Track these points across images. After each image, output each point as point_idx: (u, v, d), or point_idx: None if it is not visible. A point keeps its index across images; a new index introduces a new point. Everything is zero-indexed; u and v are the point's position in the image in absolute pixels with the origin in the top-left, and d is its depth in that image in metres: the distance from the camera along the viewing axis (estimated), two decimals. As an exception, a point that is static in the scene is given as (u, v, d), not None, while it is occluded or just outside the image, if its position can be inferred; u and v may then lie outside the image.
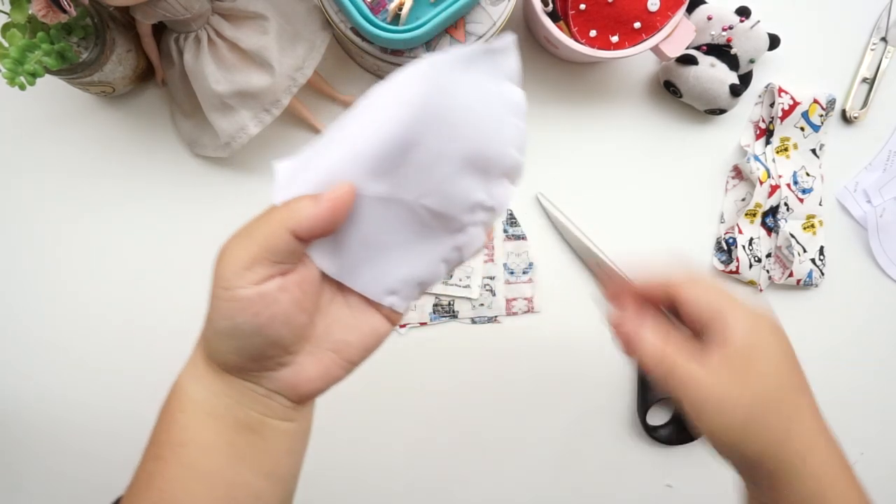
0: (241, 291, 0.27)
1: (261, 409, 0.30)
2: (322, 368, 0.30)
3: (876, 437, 0.59)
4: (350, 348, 0.31)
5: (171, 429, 0.30)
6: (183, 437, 0.29)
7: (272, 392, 0.30)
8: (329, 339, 0.30)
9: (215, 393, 0.29)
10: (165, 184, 0.54)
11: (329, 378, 0.31)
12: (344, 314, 0.31)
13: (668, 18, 0.49)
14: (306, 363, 0.30)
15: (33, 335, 0.53)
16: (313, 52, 0.48)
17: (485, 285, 0.55)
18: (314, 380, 0.30)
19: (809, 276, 0.57)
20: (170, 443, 0.29)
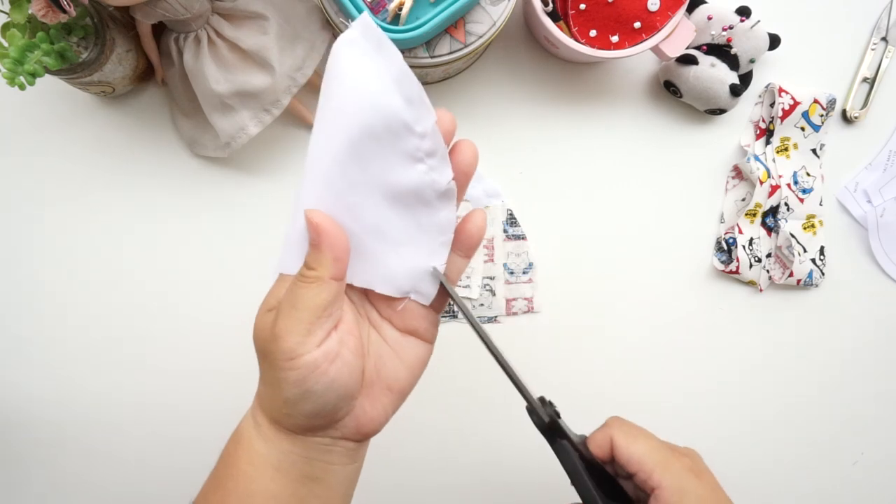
0: (308, 357, 0.28)
1: (326, 459, 0.31)
2: (380, 407, 0.32)
3: (876, 436, 0.59)
4: (399, 381, 0.33)
5: (237, 477, 0.31)
6: (251, 489, 0.30)
7: (337, 439, 0.31)
8: (380, 378, 0.32)
9: (283, 451, 0.31)
10: (165, 184, 0.54)
11: (388, 413, 0.33)
12: (385, 351, 0.33)
13: (668, 18, 0.49)
14: (366, 405, 0.31)
15: (33, 335, 0.53)
16: (313, 52, 0.48)
17: (485, 285, 0.55)
18: (375, 419, 0.32)
19: (810, 276, 0.57)
20: (237, 492, 0.31)
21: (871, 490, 0.59)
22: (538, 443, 0.56)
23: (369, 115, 0.28)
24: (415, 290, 0.32)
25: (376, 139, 0.29)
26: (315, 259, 0.29)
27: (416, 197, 0.31)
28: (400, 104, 0.29)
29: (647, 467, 0.34)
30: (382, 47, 0.29)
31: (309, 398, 0.29)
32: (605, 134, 0.57)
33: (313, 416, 0.30)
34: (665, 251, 0.57)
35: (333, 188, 0.29)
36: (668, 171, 0.57)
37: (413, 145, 0.30)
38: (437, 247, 0.32)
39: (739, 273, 0.56)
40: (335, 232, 0.29)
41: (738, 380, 0.58)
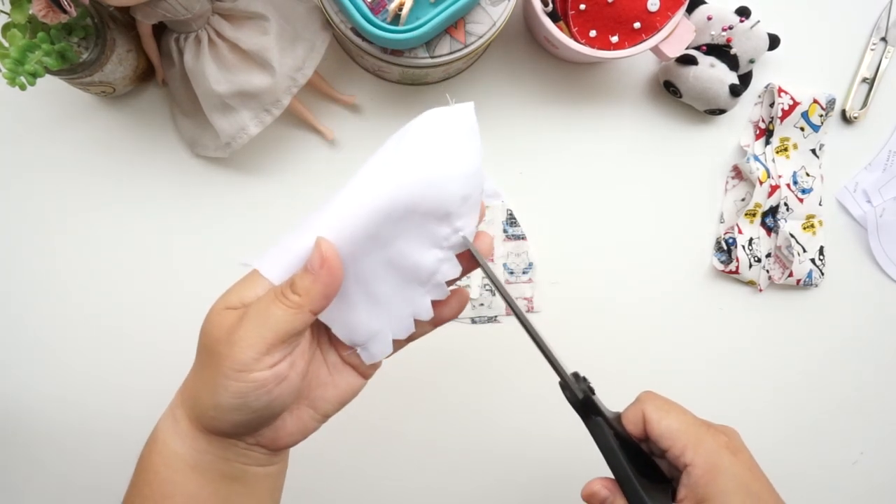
0: (258, 374, 0.28)
1: (243, 461, 0.31)
2: (300, 424, 0.32)
3: (876, 436, 0.59)
4: (326, 404, 0.33)
5: (154, 481, 0.31)
6: (169, 490, 0.30)
7: (252, 446, 0.31)
8: (308, 396, 0.32)
9: (199, 450, 0.30)
10: (166, 184, 0.54)
11: (306, 431, 0.33)
12: (323, 373, 0.33)
13: (667, 18, 0.49)
14: (287, 420, 0.32)
15: (32, 335, 0.53)
16: (313, 52, 0.48)
17: (485, 285, 0.55)
18: (293, 434, 0.32)
19: (809, 276, 0.57)
20: (154, 496, 0.30)
21: (871, 490, 0.59)
22: (541, 437, 0.56)
23: (426, 192, 0.30)
24: (365, 347, 0.33)
25: (419, 213, 0.30)
26: (306, 286, 0.28)
27: (415, 275, 0.32)
28: (457, 198, 0.30)
29: (680, 443, 0.33)
30: (472, 140, 0.30)
31: (243, 410, 0.29)
32: (605, 134, 0.57)
33: (240, 426, 0.30)
34: (665, 251, 0.57)
35: (354, 229, 0.29)
36: (667, 171, 0.57)
37: (443, 234, 0.31)
38: (404, 325, 0.33)
39: (739, 273, 0.56)
40: (337, 270, 0.29)
41: (738, 380, 0.58)
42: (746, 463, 0.34)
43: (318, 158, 0.54)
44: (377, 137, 0.54)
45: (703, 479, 0.32)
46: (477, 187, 0.31)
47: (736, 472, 0.33)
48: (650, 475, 0.35)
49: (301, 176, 0.54)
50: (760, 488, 0.34)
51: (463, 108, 0.31)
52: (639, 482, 0.33)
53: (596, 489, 0.36)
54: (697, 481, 0.32)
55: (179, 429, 0.31)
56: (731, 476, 0.32)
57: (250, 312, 0.29)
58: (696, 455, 0.32)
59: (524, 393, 0.56)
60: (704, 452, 0.33)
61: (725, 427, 0.36)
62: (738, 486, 0.32)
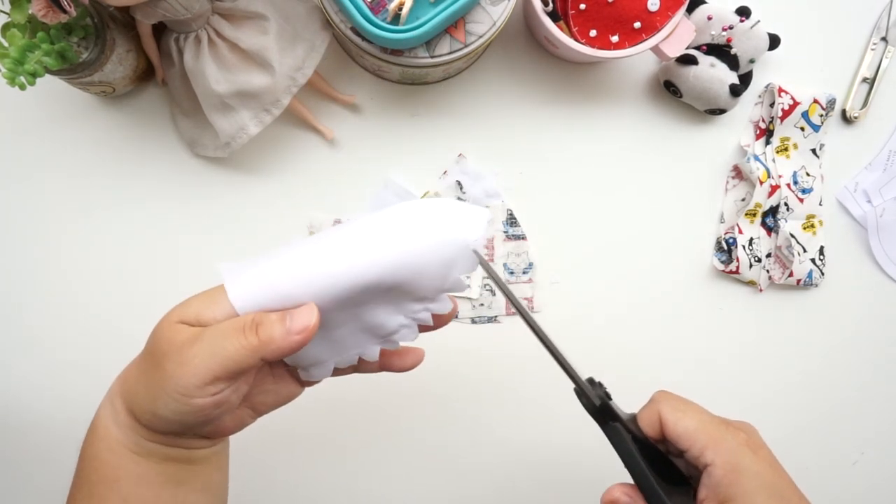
0: (199, 401, 0.28)
1: (184, 444, 0.32)
2: (238, 421, 0.34)
3: (876, 436, 0.59)
4: (265, 407, 0.35)
5: (99, 467, 0.31)
6: (116, 474, 0.31)
7: (191, 437, 0.32)
8: (252, 400, 0.34)
9: (140, 438, 0.31)
10: (165, 184, 0.54)
11: (241, 427, 0.34)
12: (268, 380, 0.34)
13: (668, 18, 0.49)
14: (227, 420, 0.33)
15: (32, 335, 0.53)
16: (313, 52, 0.48)
17: (485, 285, 0.55)
18: (231, 429, 0.34)
19: (809, 276, 0.57)
20: (102, 479, 0.31)
21: (871, 490, 0.59)
22: (540, 437, 0.56)
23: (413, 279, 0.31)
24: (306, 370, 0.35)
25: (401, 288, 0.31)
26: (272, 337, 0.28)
27: (375, 331, 0.33)
28: (438, 289, 0.32)
29: (699, 444, 0.32)
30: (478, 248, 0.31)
31: (179, 424, 0.30)
32: (605, 134, 0.57)
33: (175, 433, 0.31)
34: (665, 251, 0.57)
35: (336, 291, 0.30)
36: (668, 170, 0.57)
37: (414, 309, 0.33)
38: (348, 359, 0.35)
39: (739, 273, 0.56)
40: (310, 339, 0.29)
41: (738, 380, 0.58)
42: (767, 460, 0.33)
43: (318, 158, 0.54)
44: (377, 137, 0.54)
45: (726, 479, 0.31)
46: (462, 284, 0.33)
47: (758, 470, 0.32)
48: (669, 476, 0.34)
49: (301, 176, 0.54)
50: (784, 486, 0.33)
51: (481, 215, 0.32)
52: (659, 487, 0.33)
53: (616, 496, 0.35)
54: (719, 482, 0.31)
55: (119, 418, 0.31)
56: (753, 475, 0.31)
57: (205, 337, 0.28)
58: (717, 455, 0.31)
59: (525, 393, 0.56)
60: (724, 452, 0.32)
61: (743, 423, 0.35)
62: (761, 485, 0.31)
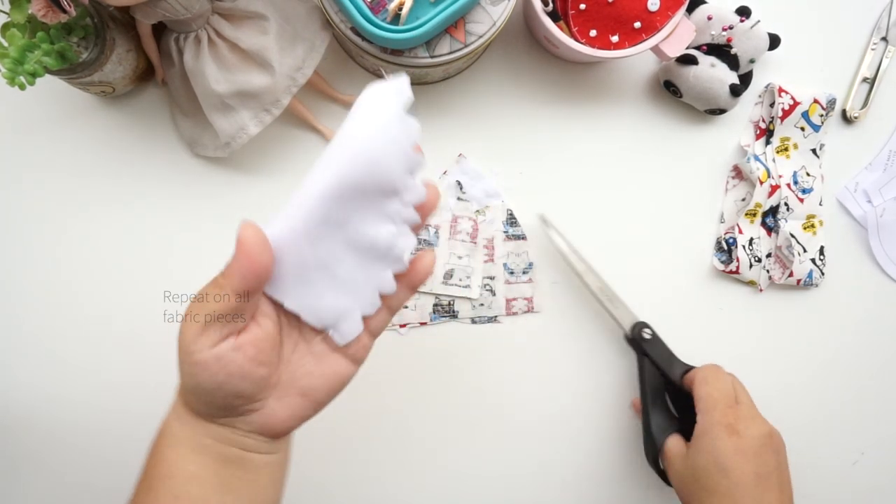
0: (198, 356, 0.30)
1: (241, 446, 0.33)
2: (290, 411, 0.33)
3: (876, 436, 0.59)
4: (316, 392, 0.34)
5: (159, 463, 0.32)
6: (171, 470, 0.32)
7: (248, 432, 0.33)
8: (295, 385, 0.33)
9: (198, 433, 0.32)
10: (165, 184, 0.54)
11: (299, 418, 0.34)
12: (308, 361, 0.34)
13: (668, 18, 0.49)
14: (276, 407, 0.33)
15: (32, 335, 0.53)
16: (313, 52, 0.48)
17: (485, 285, 0.55)
18: (285, 420, 0.33)
19: (810, 276, 0.57)
20: (159, 475, 0.32)
21: (871, 490, 0.59)
22: (541, 438, 0.56)
23: (369, 169, 0.31)
24: (335, 328, 0.34)
25: (366, 191, 0.31)
26: (228, 269, 0.30)
27: (374, 251, 0.33)
28: (400, 172, 0.31)
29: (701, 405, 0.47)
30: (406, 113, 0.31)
31: (200, 392, 0.31)
32: (605, 134, 0.57)
33: (211, 405, 0.32)
34: (665, 251, 0.57)
35: (308, 214, 0.31)
36: (668, 170, 0.57)
37: (394, 209, 0.32)
38: (369, 301, 0.34)
39: (739, 273, 0.56)
40: (255, 253, 0.30)
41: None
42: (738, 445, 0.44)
43: (318, 158, 0.54)
44: (377, 137, 0.54)
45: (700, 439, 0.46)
46: (418, 159, 0.32)
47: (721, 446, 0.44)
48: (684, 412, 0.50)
49: (301, 176, 0.53)
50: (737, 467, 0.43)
51: (398, 83, 0.32)
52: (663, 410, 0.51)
53: None
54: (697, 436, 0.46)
55: (180, 416, 0.33)
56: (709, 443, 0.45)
57: (194, 297, 0.31)
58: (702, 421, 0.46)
59: (524, 393, 0.56)
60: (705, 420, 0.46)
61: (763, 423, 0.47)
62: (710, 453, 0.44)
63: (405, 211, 0.33)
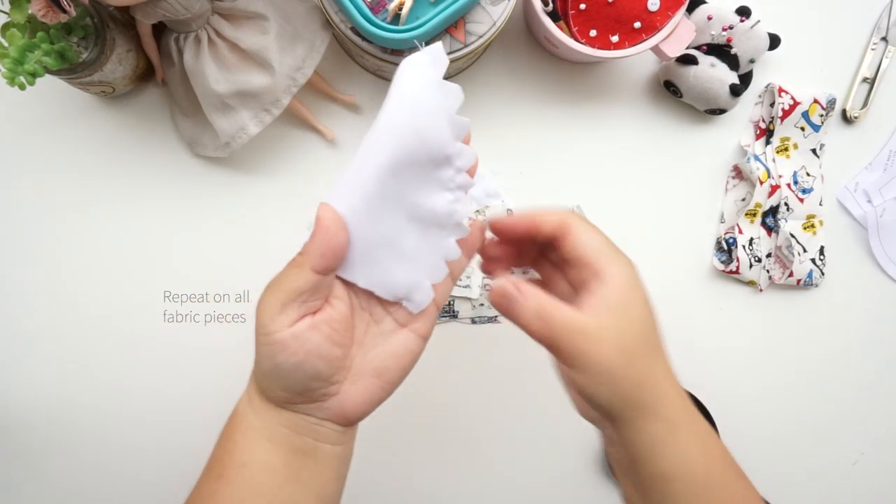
0: (277, 335, 0.30)
1: (313, 436, 0.33)
2: (366, 394, 0.33)
3: (876, 436, 0.59)
4: (389, 371, 0.34)
5: (232, 450, 0.33)
6: (244, 459, 0.32)
7: (323, 420, 0.33)
8: (370, 367, 0.34)
9: (272, 422, 0.33)
10: (165, 183, 0.54)
11: (373, 401, 0.34)
12: (379, 342, 0.34)
13: (668, 18, 0.49)
14: (351, 391, 0.33)
15: (31, 335, 0.53)
16: (313, 51, 0.48)
17: (485, 285, 0.55)
18: (360, 404, 0.33)
19: (810, 276, 0.57)
20: (232, 463, 0.32)
21: (871, 490, 0.59)
22: (541, 438, 0.56)
23: (419, 141, 0.31)
24: (408, 298, 0.34)
25: (418, 163, 0.32)
26: (307, 247, 0.31)
27: (435, 220, 0.33)
28: (448, 138, 0.32)
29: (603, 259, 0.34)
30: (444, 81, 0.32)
31: (279, 374, 0.31)
32: (605, 134, 0.57)
33: (289, 389, 0.32)
34: (665, 251, 0.57)
35: (367, 193, 0.31)
36: (668, 170, 0.57)
37: (448, 176, 0.33)
38: (437, 268, 0.35)
39: (739, 273, 0.56)
40: (333, 231, 0.31)
41: (738, 379, 0.58)
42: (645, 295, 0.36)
43: (318, 158, 0.54)
44: (377, 137, 0.54)
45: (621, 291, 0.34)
46: (464, 123, 0.32)
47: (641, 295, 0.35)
48: None
49: (301, 176, 0.54)
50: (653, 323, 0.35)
51: (433, 51, 0.32)
52: None
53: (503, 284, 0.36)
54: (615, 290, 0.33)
55: (254, 406, 0.33)
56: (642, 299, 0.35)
57: (270, 281, 0.32)
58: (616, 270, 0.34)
59: (524, 393, 0.56)
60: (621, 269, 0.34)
61: None
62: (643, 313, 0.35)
63: (458, 177, 0.33)
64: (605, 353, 0.32)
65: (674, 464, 0.32)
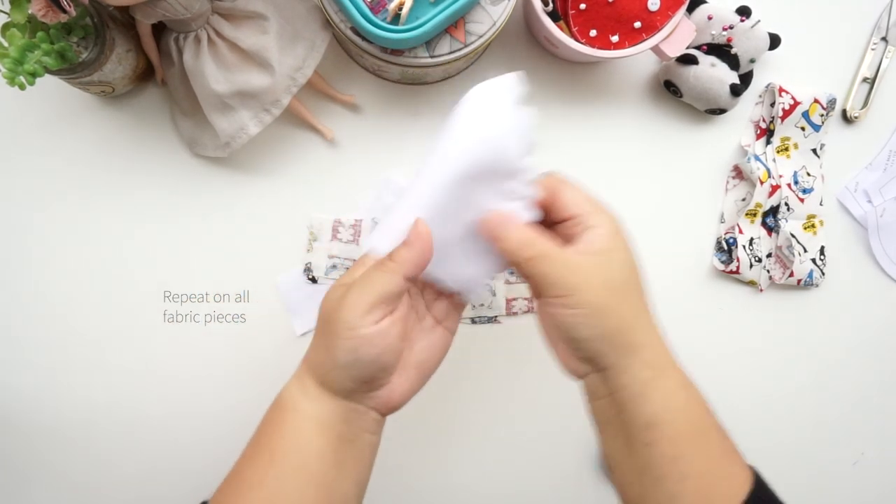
0: (363, 330, 0.34)
1: (359, 424, 0.36)
2: (408, 384, 0.37)
3: (877, 436, 0.59)
4: (427, 363, 0.38)
5: (285, 436, 0.35)
6: (298, 444, 0.35)
7: (369, 409, 0.36)
8: (413, 360, 0.37)
9: (327, 409, 0.35)
10: (165, 183, 0.53)
11: (413, 391, 0.37)
12: (423, 336, 0.38)
13: (668, 18, 0.49)
14: (397, 382, 0.36)
15: (32, 334, 0.53)
16: (313, 51, 0.48)
17: (485, 285, 0.55)
18: (403, 394, 0.37)
19: (810, 276, 0.57)
20: (283, 448, 0.34)
21: (871, 490, 0.59)
22: (541, 438, 0.56)
23: (491, 156, 0.35)
24: (467, 291, 0.39)
25: (488, 174, 0.35)
26: (401, 255, 0.34)
27: None
28: (516, 155, 0.36)
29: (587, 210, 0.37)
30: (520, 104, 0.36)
31: (357, 365, 0.34)
32: (605, 134, 0.57)
33: (358, 380, 0.34)
34: (665, 251, 0.57)
35: (440, 200, 0.36)
36: (668, 170, 0.57)
37: (512, 188, 0.36)
38: (494, 268, 0.39)
39: (740, 273, 0.56)
40: (428, 244, 0.35)
41: (738, 380, 0.58)
42: None
43: (318, 158, 0.54)
44: (377, 137, 0.54)
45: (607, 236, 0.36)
46: (532, 142, 0.36)
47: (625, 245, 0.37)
48: None
49: (301, 176, 0.54)
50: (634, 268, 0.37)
51: (511, 79, 0.36)
52: None
53: None
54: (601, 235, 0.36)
55: (308, 392, 0.35)
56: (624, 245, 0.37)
57: (357, 282, 0.35)
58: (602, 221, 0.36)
59: (524, 393, 0.56)
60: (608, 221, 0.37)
61: None
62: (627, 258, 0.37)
63: (523, 189, 0.36)
64: (593, 287, 0.34)
65: (659, 410, 0.34)
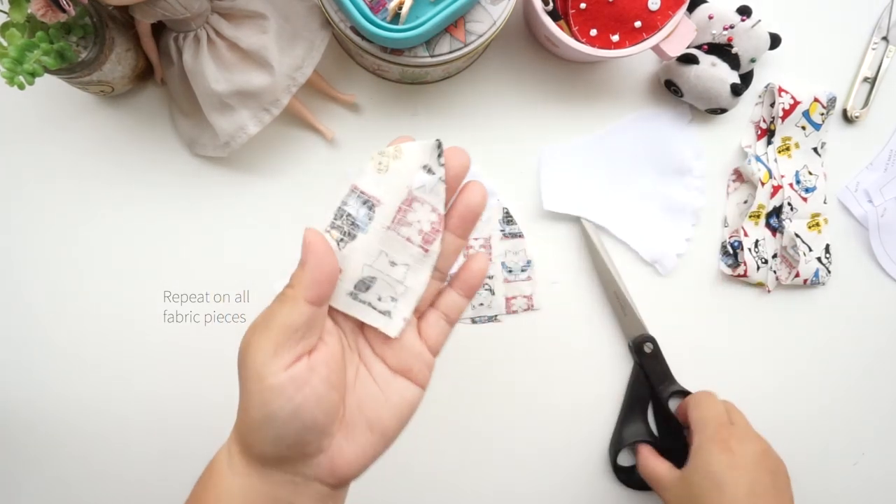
0: (272, 379, 0.27)
1: (298, 500, 0.30)
2: (359, 449, 0.30)
3: (877, 436, 0.59)
4: (384, 422, 0.31)
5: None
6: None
7: (310, 480, 0.29)
8: (362, 416, 0.31)
9: (252, 487, 0.29)
10: (165, 183, 0.53)
11: (366, 457, 0.31)
12: (372, 389, 0.31)
13: (668, 17, 0.49)
14: (343, 445, 0.30)
15: (31, 335, 0.53)
16: (313, 51, 0.48)
17: (484, 284, 0.55)
18: (352, 461, 0.30)
19: (816, 275, 0.57)
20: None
21: (871, 490, 0.59)
22: (541, 438, 0.56)
23: None
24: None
25: None
26: (297, 277, 0.28)
27: None
28: None
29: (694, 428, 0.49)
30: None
31: (272, 423, 0.27)
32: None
33: (280, 444, 0.28)
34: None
35: None
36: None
37: None
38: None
39: (747, 276, 0.55)
40: (322, 255, 0.28)
41: (743, 381, 0.58)
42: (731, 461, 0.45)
43: (318, 158, 0.54)
44: (377, 137, 0.54)
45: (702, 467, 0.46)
46: None
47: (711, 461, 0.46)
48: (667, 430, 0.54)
49: (301, 175, 0.54)
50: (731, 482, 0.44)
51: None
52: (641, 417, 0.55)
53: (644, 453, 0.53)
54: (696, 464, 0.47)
55: (233, 464, 0.30)
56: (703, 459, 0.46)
57: (256, 320, 0.29)
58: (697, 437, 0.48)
59: (524, 393, 0.56)
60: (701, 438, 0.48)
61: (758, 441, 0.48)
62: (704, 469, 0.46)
63: None
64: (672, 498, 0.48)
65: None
